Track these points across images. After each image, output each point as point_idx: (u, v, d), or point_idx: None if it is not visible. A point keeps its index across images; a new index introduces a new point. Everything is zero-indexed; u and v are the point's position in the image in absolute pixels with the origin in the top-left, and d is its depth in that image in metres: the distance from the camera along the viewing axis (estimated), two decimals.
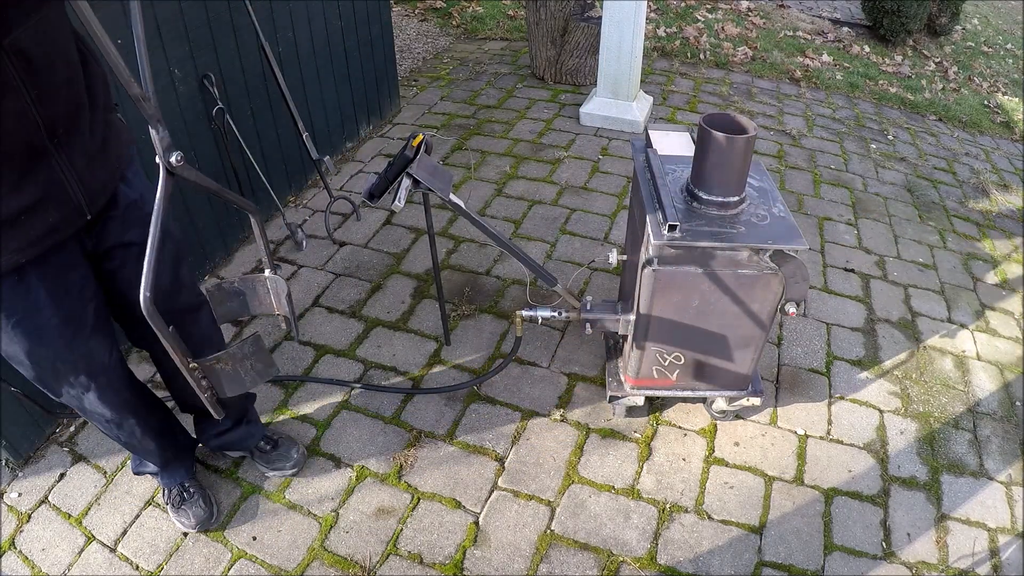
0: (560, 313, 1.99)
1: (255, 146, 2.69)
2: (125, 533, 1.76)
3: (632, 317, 1.85)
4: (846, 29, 5.92)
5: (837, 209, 3.22)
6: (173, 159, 0.98)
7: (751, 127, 1.56)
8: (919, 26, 5.59)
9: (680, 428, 2.07)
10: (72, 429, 2.03)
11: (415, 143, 1.68)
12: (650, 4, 5.50)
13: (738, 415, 2.11)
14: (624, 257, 2.06)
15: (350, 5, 3.16)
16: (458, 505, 1.84)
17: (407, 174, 1.68)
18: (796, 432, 2.07)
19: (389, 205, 1.63)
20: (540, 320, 1.99)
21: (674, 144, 1.99)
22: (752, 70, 4.80)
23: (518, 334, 2.06)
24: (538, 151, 3.55)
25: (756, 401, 1.99)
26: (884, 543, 1.79)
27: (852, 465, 1.98)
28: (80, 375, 1.37)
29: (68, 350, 1.32)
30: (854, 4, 6.36)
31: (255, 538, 1.75)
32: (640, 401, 2.01)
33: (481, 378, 2.17)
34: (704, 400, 2.10)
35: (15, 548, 1.74)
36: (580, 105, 3.90)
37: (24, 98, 1.03)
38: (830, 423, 2.11)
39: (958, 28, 6.48)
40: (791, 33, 5.66)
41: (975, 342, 2.49)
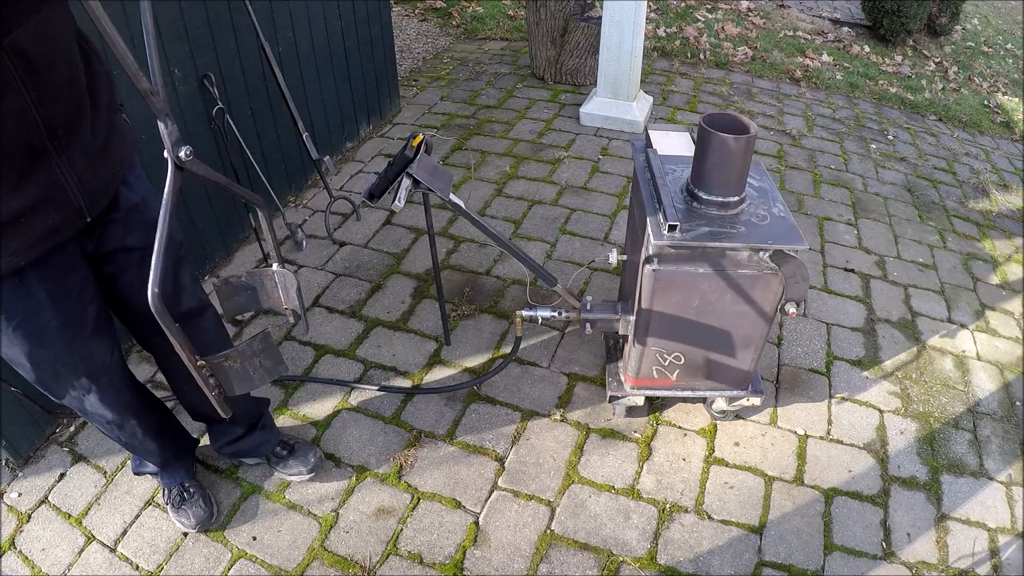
0: (560, 313, 1.99)
1: (255, 146, 2.69)
2: (125, 533, 1.76)
3: (632, 317, 1.85)
4: (846, 29, 5.92)
5: (837, 209, 3.22)
6: (182, 153, 0.97)
7: (751, 127, 1.56)
8: (919, 26, 5.60)
9: (680, 428, 2.07)
10: (72, 429, 2.03)
11: (415, 143, 1.68)
12: (650, 4, 5.50)
13: (738, 415, 2.11)
14: (624, 257, 2.06)
15: (350, 5, 3.16)
16: (458, 505, 1.84)
17: (407, 174, 1.68)
18: (796, 432, 2.07)
19: (389, 205, 1.63)
20: (540, 320, 1.99)
21: (674, 144, 1.99)
22: (752, 70, 4.80)
23: (518, 334, 2.06)
24: (538, 151, 3.55)
25: (756, 401, 1.99)
26: (884, 543, 1.79)
27: (852, 465, 1.98)
28: (81, 377, 1.37)
29: (69, 352, 1.31)
30: (854, 4, 6.36)
31: (255, 538, 1.75)
32: (640, 401, 2.01)
33: (481, 378, 2.17)
34: (704, 400, 2.10)
35: (15, 548, 1.74)
36: (580, 105, 3.90)
37: (24, 98, 1.02)
38: (830, 423, 2.11)
39: (958, 28, 6.48)
40: (791, 33, 5.66)
41: (975, 342, 2.49)
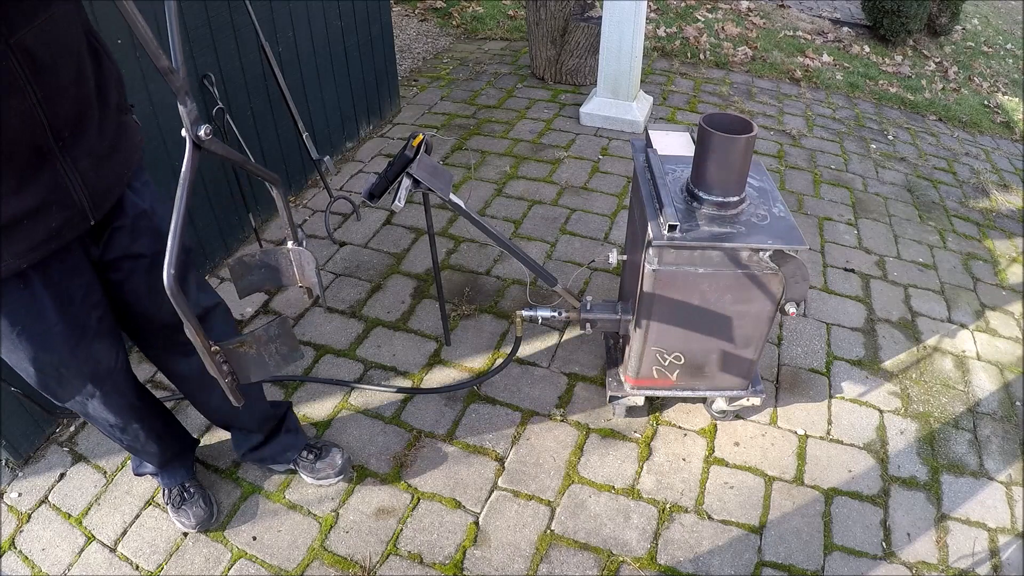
0: (560, 313, 1.99)
1: (255, 146, 2.69)
2: (125, 533, 1.76)
3: (632, 317, 1.85)
4: (846, 29, 5.92)
5: (837, 209, 3.22)
6: (201, 132, 0.94)
7: (751, 127, 1.56)
8: (919, 26, 5.60)
9: (680, 428, 2.07)
10: (72, 429, 2.03)
11: (415, 143, 1.68)
12: (650, 4, 5.50)
13: (738, 415, 2.11)
14: (624, 257, 2.06)
15: (350, 5, 3.17)
16: (458, 505, 1.84)
17: (407, 174, 1.68)
18: (796, 432, 2.07)
19: (389, 205, 1.63)
20: (540, 320, 1.99)
21: (674, 144, 1.99)
22: (752, 70, 4.80)
23: (518, 334, 2.06)
24: (538, 151, 3.55)
25: (756, 401, 1.99)
26: (884, 543, 1.79)
27: (852, 465, 1.98)
28: (85, 381, 1.36)
29: (73, 356, 1.30)
30: (854, 4, 6.36)
31: (255, 538, 1.75)
32: (640, 401, 2.01)
33: (481, 378, 2.17)
34: (704, 400, 2.10)
35: (15, 548, 1.74)
36: (580, 105, 3.90)
37: (30, 98, 1.00)
38: (830, 423, 2.11)
39: (958, 28, 6.48)
40: (791, 33, 5.66)
41: (975, 342, 2.49)
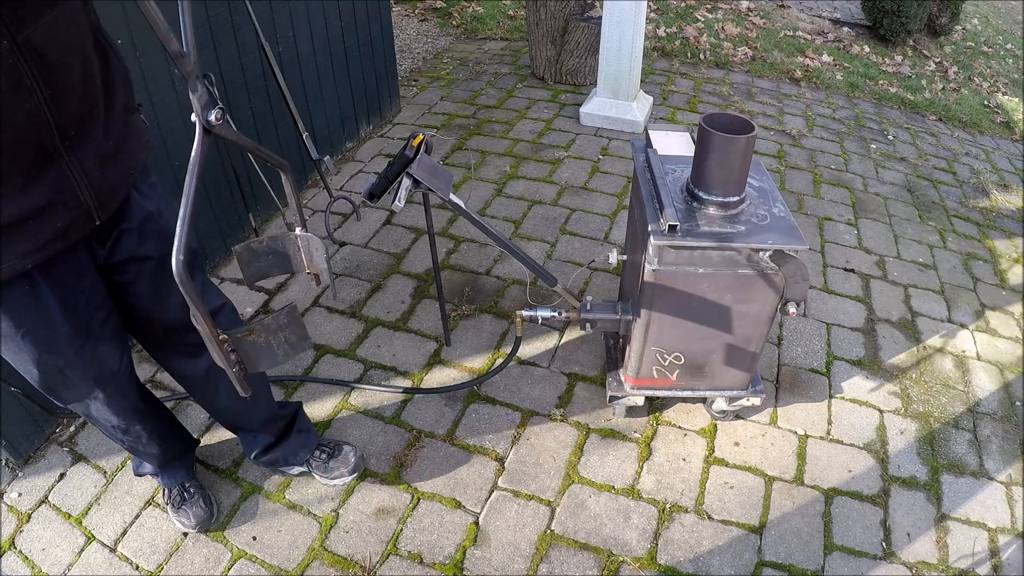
0: (560, 313, 1.99)
1: None
2: (125, 533, 1.76)
3: (632, 317, 1.85)
4: (846, 29, 5.92)
5: (837, 209, 3.22)
6: (212, 116, 0.93)
7: (751, 127, 1.56)
8: (919, 26, 5.60)
9: (680, 428, 2.07)
10: (72, 429, 2.03)
11: (415, 143, 1.68)
12: (650, 4, 5.50)
13: (738, 415, 2.11)
14: (624, 257, 2.06)
15: (350, 5, 3.16)
16: (458, 505, 1.84)
17: (407, 174, 1.68)
18: (796, 432, 2.07)
19: (389, 205, 1.63)
20: (540, 320, 1.99)
21: (674, 144, 1.99)
22: (752, 70, 4.80)
23: (518, 334, 2.06)
24: (538, 151, 3.55)
25: (756, 401, 1.99)
26: (884, 543, 1.79)
27: (852, 465, 1.98)
28: (90, 383, 1.36)
29: (78, 358, 1.30)
30: (854, 4, 6.36)
31: (255, 538, 1.75)
32: (640, 401, 2.01)
33: (481, 378, 2.16)
34: (704, 400, 2.10)
35: (15, 548, 1.74)
36: (580, 105, 3.90)
37: (36, 97, 0.99)
38: (830, 423, 2.11)
39: (958, 28, 6.48)
40: (791, 33, 5.66)
41: (975, 342, 2.49)
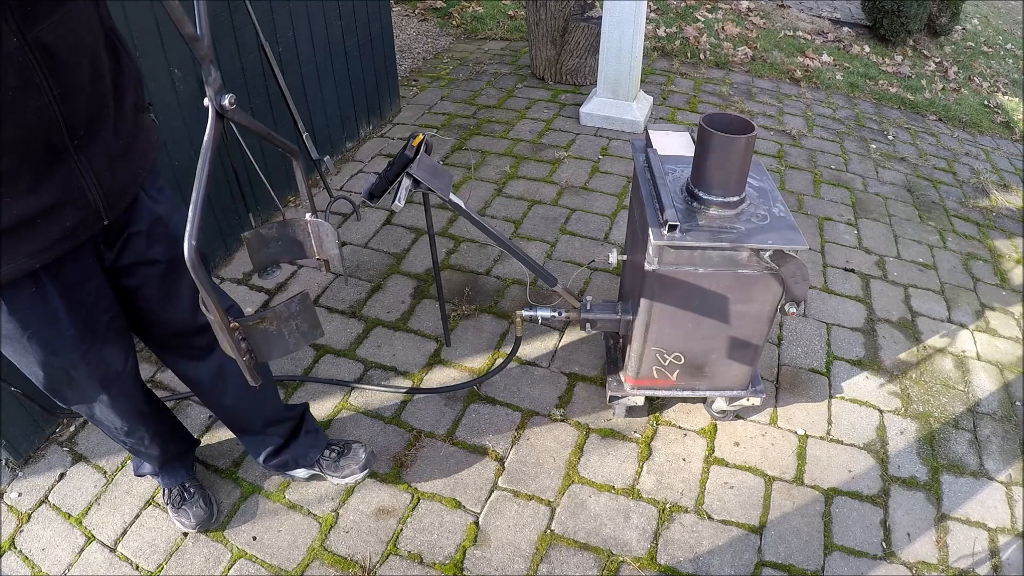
0: (560, 313, 1.99)
1: (255, 146, 2.69)
2: (125, 533, 1.76)
3: (632, 317, 1.85)
4: (846, 29, 5.92)
5: (837, 209, 3.22)
6: (226, 101, 0.92)
7: (751, 127, 1.56)
8: (919, 26, 5.60)
9: (680, 428, 2.07)
10: (72, 429, 2.03)
11: (415, 143, 1.68)
12: (650, 4, 5.50)
13: (738, 415, 2.11)
14: (624, 257, 2.06)
15: (350, 5, 3.16)
16: (458, 505, 1.84)
17: (407, 174, 1.68)
18: (796, 432, 2.07)
19: (389, 205, 1.63)
20: (540, 320, 1.99)
21: (674, 144, 1.99)
22: (752, 70, 4.80)
23: (518, 334, 2.06)
24: (538, 151, 3.55)
25: (756, 401, 1.99)
26: (884, 543, 1.79)
27: (852, 465, 1.98)
28: (95, 384, 1.36)
29: (83, 360, 1.29)
30: (854, 4, 6.36)
31: (255, 538, 1.75)
32: (640, 401, 2.01)
33: (481, 378, 2.16)
34: (704, 400, 2.10)
35: (15, 548, 1.74)
36: (580, 105, 3.90)
37: (46, 95, 0.98)
38: (830, 423, 2.11)
39: (958, 28, 6.48)
40: (791, 33, 5.66)
41: (975, 342, 2.49)
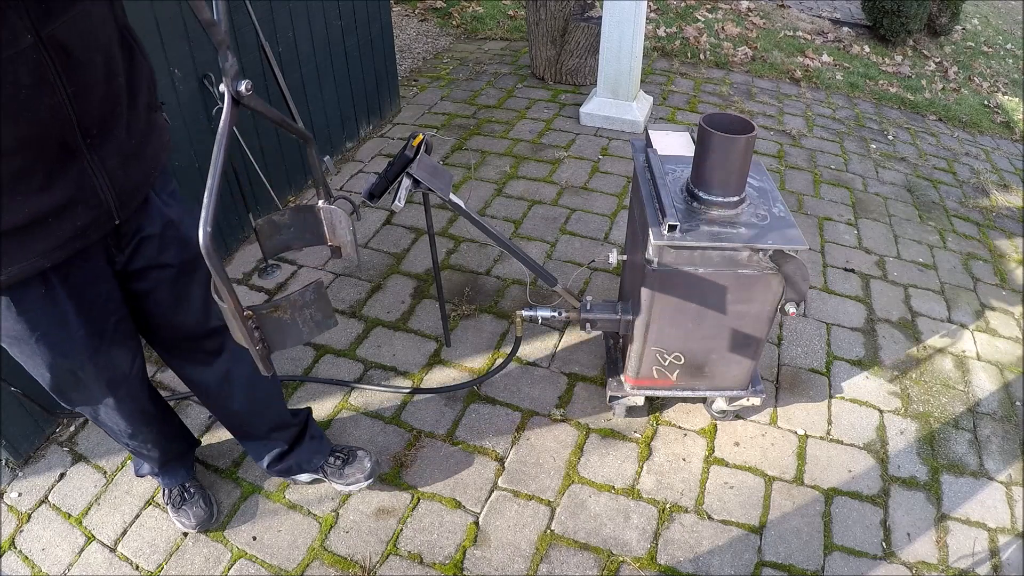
0: (560, 313, 1.99)
1: (255, 146, 2.69)
2: (125, 533, 1.76)
3: (632, 317, 1.85)
4: (846, 29, 5.92)
5: (837, 209, 3.22)
6: (242, 87, 0.91)
7: (751, 127, 1.56)
8: (919, 26, 5.59)
9: (680, 428, 2.07)
10: (72, 429, 2.03)
11: (415, 143, 1.68)
12: (650, 4, 5.50)
13: (738, 415, 2.11)
14: (624, 257, 2.06)
15: (350, 5, 3.16)
16: (458, 505, 1.84)
17: (407, 174, 1.68)
18: (796, 432, 2.07)
19: (389, 205, 1.63)
20: (540, 320, 1.99)
21: (674, 144, 1.99)
22: (752, 70, 4.80)
23: (518, 334, 2.06)
24: (538, 151, 3.55)
25: (756, 401, 1.99)
26: (884, 543, 1.79)
27: (852, 465, 1.98)
28: (102, 386, 1.36)
29: (91, 362, 1.29)
30: (854, 4, 6.36)
31: (255, 538, 1.75)
32: (640, 401, 2.01)
33: (481, 378, 2.16)
34: (704, 400, 2.10)
35: (15, 548, 1.74)
36: (580, 105, 3.90)
37: (60, 94, 0.98)
38: (830, 423, 2.11)
39: (958, 28, 6.48)
40: (791, 33, 5.66)
41: (975, 342, 2.49)
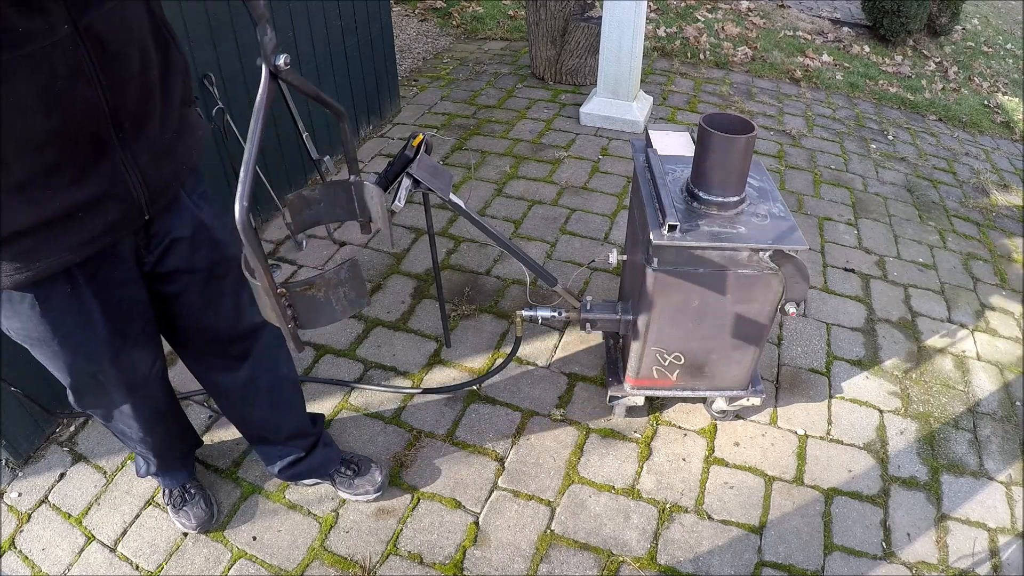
0: (560, 313, 1.99)
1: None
2: (125, 533, 1.76)
3: (632, 317, 1.85)
4: (846, 29, 5.92)
5: (837, 209, 3.22)
6: (280, 61, 0.90)
7: (751, 127, 1.56)
8: (919, 26, 5.60)
9: (680, 428, 2.07)
10: (72, 429, 2.03)
11: (415, 143, 1.68)
12: (650, 4, 5.50)
13: (738, 415, 2.11)
14: (624, 257, 2.06)
15: (350, 5, 3.16)
16: (458, 505, 1.84)
17: (407, 174, 1.68)
18: (796, 432, 2.07)
19: (389, 205, 1.63)
20: (540, 320, 1.99)
21: (674, 144, 1.99)
22: (752, 70, 4.80)
23: (518, 334, 2.06)
24: (538, 151, 3.55)
25: (756, 401, 1.99)
26: (884, 543, 1.79)
27: (852, 465, 1.98)
28: (120, 389, 1.35)
29: (112, 365, 1.29)
30: (854, 4, 6.36)
31: (255, 538, 1.75)
32: (640, 401, 2.01)
33: (481, 378, 2.16)
34: (704, 400, 2.10)
35: (15, 548, 1.74)
36: (580, 105, 3.90)
37: (95, 86, 0.96)
38: (830, 423, 2.11)
39: (958, 28, 6.48)
40: (791, 33, 5.66)
41: (975, 342, 2.49)
